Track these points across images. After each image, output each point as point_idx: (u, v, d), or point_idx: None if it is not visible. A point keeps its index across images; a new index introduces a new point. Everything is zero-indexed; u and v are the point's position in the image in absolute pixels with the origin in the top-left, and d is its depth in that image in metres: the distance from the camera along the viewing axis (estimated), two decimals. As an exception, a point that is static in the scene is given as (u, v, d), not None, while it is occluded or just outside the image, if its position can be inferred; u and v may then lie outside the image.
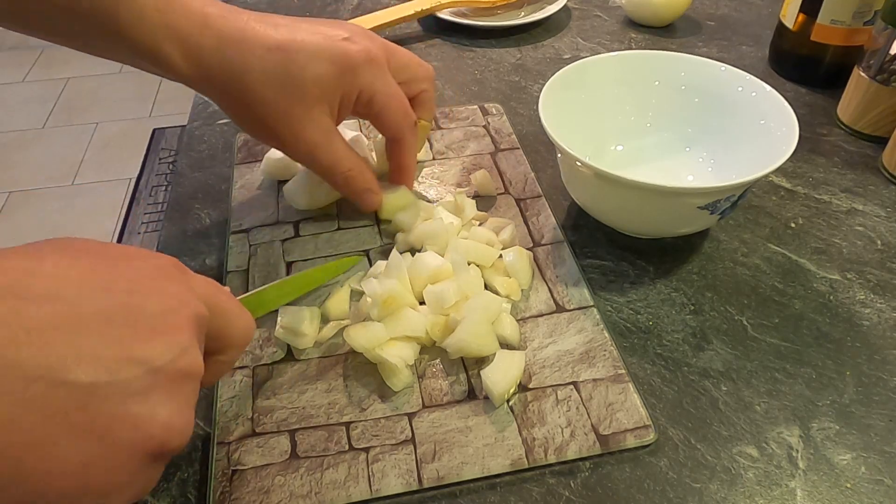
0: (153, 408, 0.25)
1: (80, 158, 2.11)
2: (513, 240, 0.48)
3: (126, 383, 0.24)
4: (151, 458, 0.26)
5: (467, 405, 0.39)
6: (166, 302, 0.27)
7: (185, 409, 0.27)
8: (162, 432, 0.25)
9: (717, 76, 0.51)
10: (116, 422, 0.24)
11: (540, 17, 0.75)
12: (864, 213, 0.52)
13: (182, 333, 0.27)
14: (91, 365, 0.23)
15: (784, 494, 0.35)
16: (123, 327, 0.25)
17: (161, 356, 0.26)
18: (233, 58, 0.41)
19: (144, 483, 0.27)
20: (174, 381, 0.26)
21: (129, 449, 0.25)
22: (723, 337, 0.43)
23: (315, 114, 0.43)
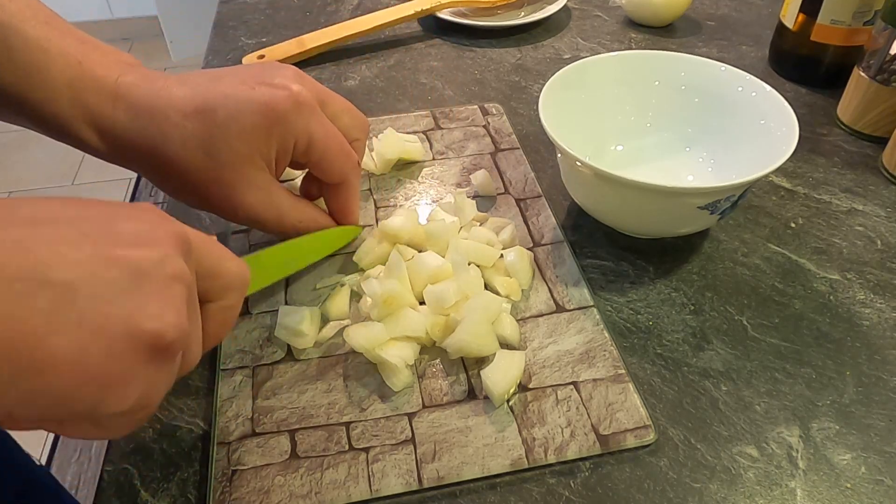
0: (141, 304, 0.26)
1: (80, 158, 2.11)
2: (513, 240, 0.48)
3: (111, 281, 0.25)
4: (149, 352, 0.26)
5: (467, 405, 0.39)
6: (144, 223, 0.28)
7: (177, 307, 0.27)
8: (152, 325, 0.26)
9: (717, 76, 0.51)
10: (106, 317, 0.25)
11: (540, 17, 0.75)
12: (864, 213, 0.52)
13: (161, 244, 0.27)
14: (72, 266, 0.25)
15: (784, 494, 0.35)
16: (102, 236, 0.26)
17: (144, 260, 0.26)
18: (149, 129, 0.39)
19: (149, 382, 0.27)
20: (160, 282, 0.27)
21: (123, 339, 0.25)
22: (723, 337, 0.43)
23: (248, 174, 0.40)
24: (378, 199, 0.53)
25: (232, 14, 0.80)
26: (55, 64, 0.38)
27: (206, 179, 0.40)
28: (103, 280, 0.25)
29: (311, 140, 0.41)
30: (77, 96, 0.38)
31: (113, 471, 0.37)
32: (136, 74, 0.40)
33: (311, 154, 0.42)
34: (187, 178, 0.40)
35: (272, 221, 0.43)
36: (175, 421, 0.39)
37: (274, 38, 0.74)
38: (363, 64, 0.71)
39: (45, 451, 1.41)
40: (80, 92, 0.38)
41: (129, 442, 0.38)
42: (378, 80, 0.68)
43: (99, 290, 0.25)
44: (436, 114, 0.62)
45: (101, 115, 0.39)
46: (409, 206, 0.53)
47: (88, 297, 0.25)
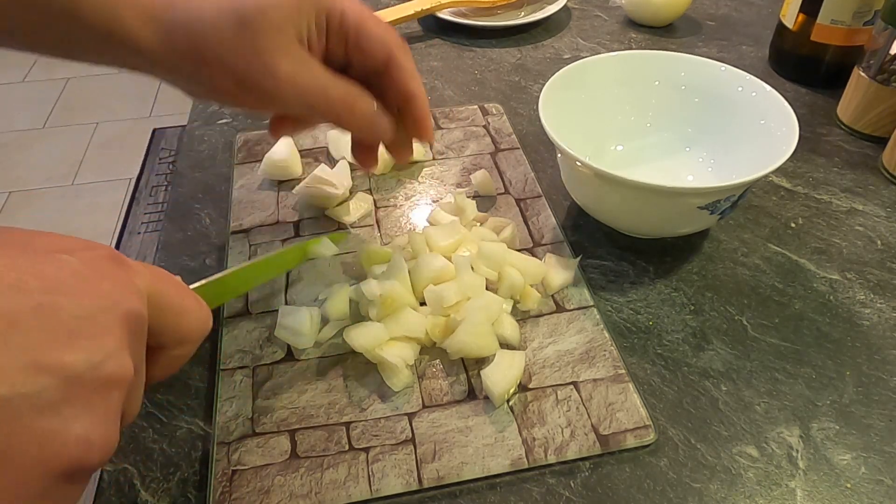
0: (66, 422, 0.22)
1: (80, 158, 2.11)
2: (513, 240, 0.48)
3: (33, 395, 0.21)
4: (64, 478, 0.23)
5: (467, 405, 0.39)
6: (92, 302, 0.24)
7: (107, 422, 0.24)
8: (77, 449, 0.23)
9: (717, 76, 0.51)
10: (19, 438, 0.21)
11: (540, 17, 0.75)
12: (864, 213, 0.52)
13: (108, 336, 0.24)
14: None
15: (784, 494, 0.35)
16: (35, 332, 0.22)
17: (79, 363, 0.23)
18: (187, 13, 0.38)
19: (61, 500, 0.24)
20: (95, 390, 0.23)
21: (35, 468, 0.22)
22: (723, 337, 0.43)
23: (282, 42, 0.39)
24: (378, 198, 0.53)
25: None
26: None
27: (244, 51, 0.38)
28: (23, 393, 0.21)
29: (343, 13, 0.40)
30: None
31: (113, 471, 0.37)
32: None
33: (347, 28, 0.40)
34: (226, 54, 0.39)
35: (316, 92, 0.40)
36: (175, 421, 0.39)
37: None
38: (363, 64, 0.71)
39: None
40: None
41: (129, 442, 0.38)
42: (378, 80, 0.68)
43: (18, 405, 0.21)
44: (436, 114, 0.62)
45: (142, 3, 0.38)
46: (409, 206, 0.53)
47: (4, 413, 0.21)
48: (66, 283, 0.24)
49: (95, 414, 0.23)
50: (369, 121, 0.41)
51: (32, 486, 0.22)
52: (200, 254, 0.49)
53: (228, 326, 0.44)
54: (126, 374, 0.25)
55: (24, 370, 0.21)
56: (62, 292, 0.23)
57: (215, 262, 0.49)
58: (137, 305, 0.26)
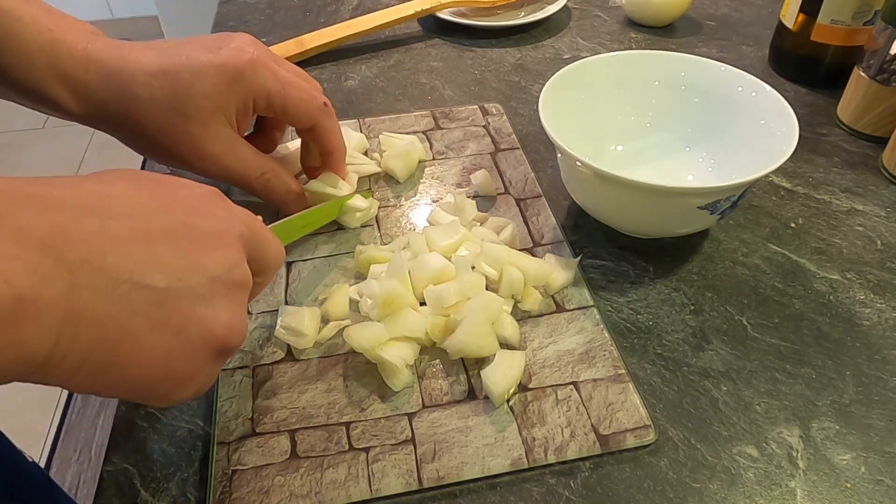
0: (216, 310, 0.29)
1: (80, 158, 2.11)
2: (513, 240, 0.48)
3: (193, 288, 0.28)
4: (216, 353, 0.30)
5: (467, 405, 0.39)
6: (217, 223, 0.30)
7: (241, 314, 0.31)
8: (224, 330, 0.29)
9: (717, 76, 0.51)
10: (188, 320, 0.28)
11: (540, 17, 0.75)
12: (864, 213, 0.52)
13: (233, 249, 0.31)
14: (164, 271, 0.27)
15: (784, 494, 0.35)
16: (185, 241, 0.28)
17: (218, 266, 0.29)
18: (119, 90, 0.42)
19: (208, 376, 0.31)
20: (230, 288, 0.30)
21: (200, 342, 0.28)
22: (723, 337, 0.43)
23: (212, 128, 0.44)
24: (378, 198, 0.53)
25: (232, 14, 0.80)
26: (28, 31, 0.40)
27: (175, 134, 0.44)
28: (186, 286, 0.28)
29: (268, 93, 0.45)
30: (51, 61, 0.41)
31: (113, 471, 0.37)
32: (103, 41, 0.43)
33: (274, 105, 0.46)
34: (157, 134, 0.44)
35: (239, 172, 0.46)
36: (175, 421, 0.39)
37: (274, 38, 0.74)
38: (363, 64, 0.71)
39: (45, 450, 1.41)
40: (54, 56, 0.41)
41: (129, 442, 0.38)
42: (378, 80, 0.68)
43: (183, 294, 0.28)
44: (436, 114, 0.62)
45: (74, 79, 0.41)
46: (409, 206, 0.53)
47: (174, 301, 0.27)
48: (196, 208, 0.30)
49: (232, 306, 0.30)
50: (282, 197, 0.49)
51: (198, 357, 0.29)
52: (200, 254, 0.49)
53: (228, 326, 0.44)
54: (248, 279, 0.32)
55: (185, 268, 0.28)
56: (195, 214, 0.30)
57: (215, 262, 0.49)
58: (244, 228, 0.32)
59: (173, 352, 0.28)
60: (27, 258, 0.23)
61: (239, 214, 0.33)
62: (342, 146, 0.50)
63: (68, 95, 0.42)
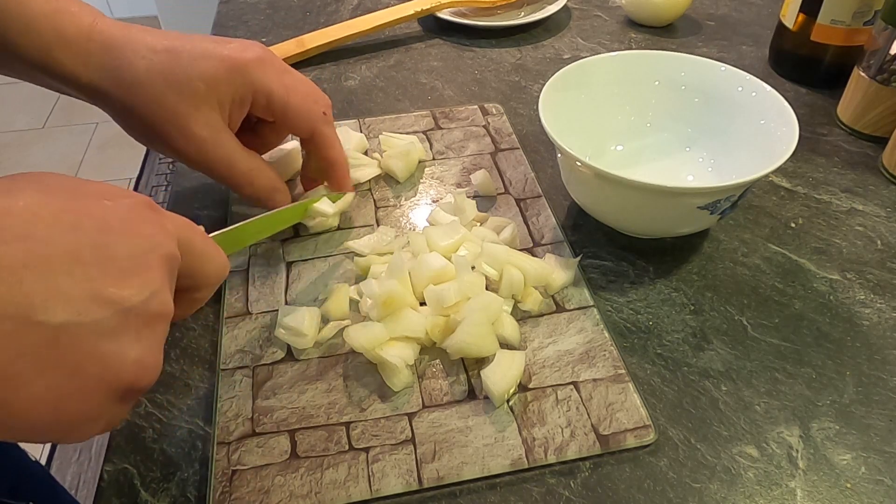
0: (123, 347, 0.26)
1: (80, 158, 2.11)
2: (513, 239, 0.48)
3: (96, 323, 0.25)
4: (121, 394, 0.26)
5: (467, 405, 0.39)
6: (138, 243, 0.27)
7: (155, 349, 0.27)
8: (132, 370, 0.26)
9: (717, 76, 0.51)
10: (87, 359, 0.25)
11: (540, 17, 0.75)
12: (864, 213, 0.52)
13: (153, 275, 0.27)
14: (61, 305, 0.24)
15: (784, 494, 0.35)
16: (94, 267, 0.25)
17: (132, 297, 0.26)
18: (119, 59, 0.42)
19: (111, 418, 0.27)
20: (145, 322, 0.27)
21: (98, 385, 0.25)
22: (723, 337, 0.43)
23: (203, 111, 0.43)
24: (378, 198, 0.53)
25: (232, 14, 0.80)
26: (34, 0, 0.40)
27: (163, 109, 0.42)
28: (89, 321, 0.24)
29: (269, 94, 0.44)
30: (55, 27, 0.40)
31: (113, 471, 0.37)
32: (109, 20, 0.43)
33: (274, 107, 0.45)
34: (146, 109, 0.42)
35: (222, 162, 0.45)
36: (175, 421, 0.39)
37: (274, 38, 0.74)
38: (363, 64, 0.71)
39: (44, 450, 1.41)
40: (58, 23, 0.40)
41: (129, 442, 0.38)
42: (378, 80, 0.68)
43: (82, 330, 0.24)
44: (436, 114, 0.62)
45: (76, 46, 0.41)
46: (409, 206, 0.53)
47: (72, 337, 0.24)
48: (115, 226, 0.27)
49: (146, 342, 0.27)
50: (266, 195, 0.47)
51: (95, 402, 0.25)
52: (200, 254, 0.49)
53: (228, 326, 0.44)
54: (169, 308, 0.28)
55: (87, 300, 0.24)
56: (113, 233, 0.26)
57: (215, 262, 0.49)
58: (173, 248, 0.29)
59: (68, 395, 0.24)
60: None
61: (170, 228, 0.29)
62: (343, 159, 0.49)
63: (70, 62, 0.41)
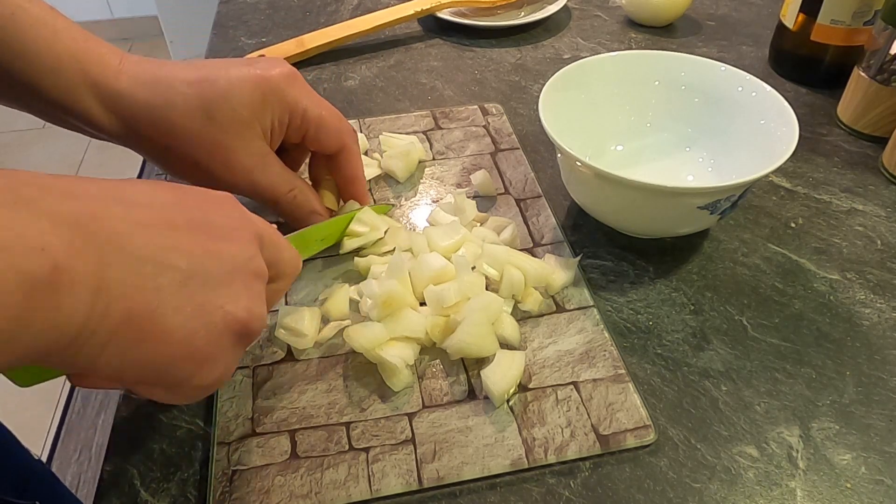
0: (236, 295, 0.30)
1: (80, 158, 2.11)
2: (513, 240, 0.48)
3: (213, 273, 0.29)
4: (237, 338, 0.31)
5: (467, 405, 0.39)
6: (233, 220, 0.32)
7: (260, 302, 0.32)
8: (245, 314, 0.30)
9: (717, 76, 0.51)
10: (209, 302, 0.29)
11: (540, 17, 0.75)
12: (864, 213, 0.52)
13: (250, 244, 0.32)
14: (185, 255, 0.28)
15: (784, 494, 0.35)
16: (204, 232, 0.30)
17: (236, 257, 0.30)
18: (152, 98, 0.41)
19: (230, 362, 0.31)
20: (248, 277, 0.31)
21: (221, 324, 0.29)
22: (723, 337, 0.43)
23: (246, 138, 0.42)
24: (378, 198, 0.53)
25: (232, 14, 0.80)
26: (61, 39, 0.39)
27: (207, 143, 0.42)
28: (208, 270, 0.29)
29: (305, 111, 0.44)
30: (83, 69, 0.40)
31: (113, 471, 0.37)
32: (136, 57, 0.42)
33: (308, 124, 0.45)
34: (187, 145, 0.42)
35: (267, 187, 0.45)
36: (175, 421, 0.39)
37: (274, 38, 0.74)
38: (363, 64, 0.71)
39: (45, 450, 1.41)
40: (86, 65, 0.40)
41: (129, 442, 0.38)
42: (378, 80, 0.68)
43: (204, 277, 0.29)
44: (436, 114, 0.62)
45: (106, 88, 0.40)
46: (409, 206, 0.53)
47: (196, 283, 0.28)
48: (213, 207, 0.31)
49: (251, 294, 0.31)
50: (304, 217, 0.47)
51: (220, 340, 0.30)
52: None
53: (228, 326, 0.44)
54: (265, 271, 0.32)
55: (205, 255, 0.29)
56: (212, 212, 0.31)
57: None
58: (258, 228, 0.33)
59: (195, 331, 0.28)
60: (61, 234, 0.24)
61: (253, 218, 0.34)
62: (363, 174, 0.49)
63: (99, 106, 0.40)
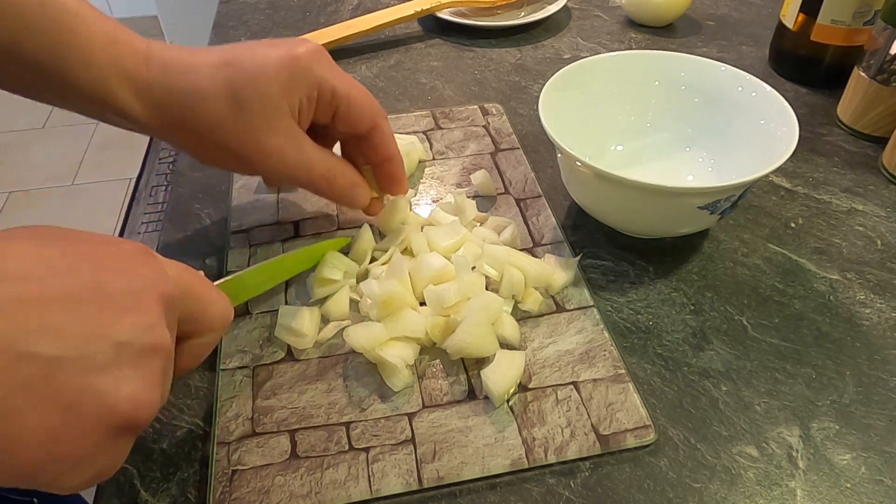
0: (118, 382, 0.26)
1: (80, 158, 2.11)
2: (513, 240, 0.48)
3: (90, 357, 0.25)
4: (118, 432, 0.26)
5: (467, 405, 0.39)
6: (134, 282, 0.28)
7: (152, 384, 0.27)
8: (127, 406, 0.26)
9: (717, 76, 0.51)
10: (81, 394, 0.25)
11: (540, 17, 0.75)
12: (864, 213, 0.52)
13: (149, 311, 0.27)
14: (55, 339, 0.24)
15: (784, 494, 0.35)
16: (89, 304, 0.26)
17: (127, 332, 0.26)
18: (182, 84, 0.41)
19: (113, 457, 0.27)
20: (140, 356, 0.27)
21: (94, 421, 0.25)
22: (723, 337, 0.43)
23: (276, 120, 0.42)
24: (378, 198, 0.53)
25: (232, 14, 0.80)
26: (91, 30, 0.39)
27: (237, 127, 0.41)
28: (85, 355, 0.25)
29: (333, 88, 0.43)
30: (113, 60, 0.40)
31: (113, 471, 0.37)
32: (162, 44, 0.42)
33: (337, 101, 0.43)
34: (218, 128, 0.41)
35: (302, 168, 0.43)
36: (175, 421, 0.39)
37: (273, 38, 0.74)
38: (363, 64, 0.71)
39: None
40: (115, 56, 0.40)
41: (129, 442, 0.38)
42: (378, 80, 0.68)
43: (77, 364, 0.24)
44: (436, 114, 0.62)
45: (136, 76, 0.40)
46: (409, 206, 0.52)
47: (66, 372, 0.24)
48: (112, 266, 0.28)
49: (141, 376, 0.27)
50: (347, 193, 0.46)
51: (90, 439, 0.25)
52: (200, 254, 0.49)
53: (228, 326, 0.44)
54: (165, 343, 0.28)
55: (83, 335, 0.25)
56: (109, 273, 0.27)
57: (215, 263, 0.49)
58: (170, 288, 0.29)
59: (63, 431, 0.24)
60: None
61: (171, 273, 0.30)
62: (399, 152, 0.47)
63: (130, 95, 0.40)
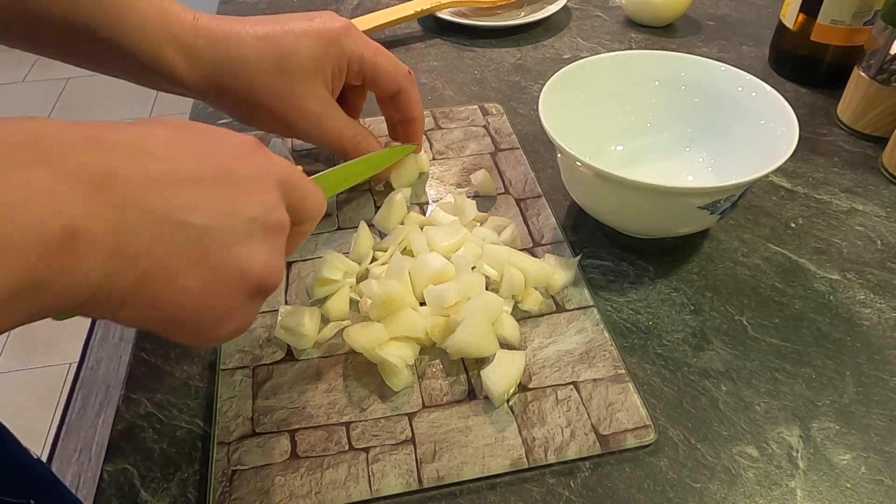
0: (253, 250, 0.30)
1: (80, 158, 2.11)
2: (513, 240, 0.48)
3: (231, 228, 0.29)
4: (253, 292, 0.31)
5: (467, 405, 0.39)
6: (256, 169, 0.32)
7: (278, 256, 0.32)
8: (261, 269, 0.30)
9: (717, 76, 0.51)
10: (225, 258, 0.29)
11: (540, 17, 0.75)
12: (864, 213, 0.52)
13: (271, 194, 0.32)
14: (203, 212, 0.28)
15: (784, 494, 0.35)
16: (224, 185, 0.30)
17: (256, 209, 0.30)
18: (229, 52, 0.46)
19: (246, 316, 0.32)
20: (268, 230, 0.31)
21: (237, 280, 0.30)
22: (723, 337, 0.43)
23: (314, 87, 0.48)
24: (378, 198, 0.53)
25: (232, 14, 0.80)
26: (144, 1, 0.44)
27: (280, 92, 0.47)
28: (224, 226, 0.29)
29: (361, 57, 0.49)
30: (165, 28, 0.44)
31: (113, 471, 0.37)
32: (207, 15, 0.47)
33: (365, 68, 0.49)
34: (263, 94, 0.47)
35: (335, 132, 0.50)
36: (175, 421, 0.39)
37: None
38: (363, 64, 0.71)
39: (45, 449, 1.41)
40: (167, 25, 0.44)
41: (129, 442, 0.38)
42: (378, 80, 0.68)
43: (221, 234, 0.29)
44: (436, 114, 0.62)
45: (186, 44, 0.45)
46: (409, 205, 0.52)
47: (212, 240, 0.28)
48: (236, 155, 0.31)
49: (270, 248, 0.31)
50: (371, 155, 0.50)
51: (232, 298, 0.30)
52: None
53: (228, 326, 0.44)
54: (286, 222, 0.33)
55: (224, 211, 0.29)
56: (235, 161, 0.31)
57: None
58: (282, 175, 0.33)
59: (211, 288, 0.29)
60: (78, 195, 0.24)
61: (278, 163, 0.34)
62: (422, 115, 0.53)
63: (181, 61, 0.45)
